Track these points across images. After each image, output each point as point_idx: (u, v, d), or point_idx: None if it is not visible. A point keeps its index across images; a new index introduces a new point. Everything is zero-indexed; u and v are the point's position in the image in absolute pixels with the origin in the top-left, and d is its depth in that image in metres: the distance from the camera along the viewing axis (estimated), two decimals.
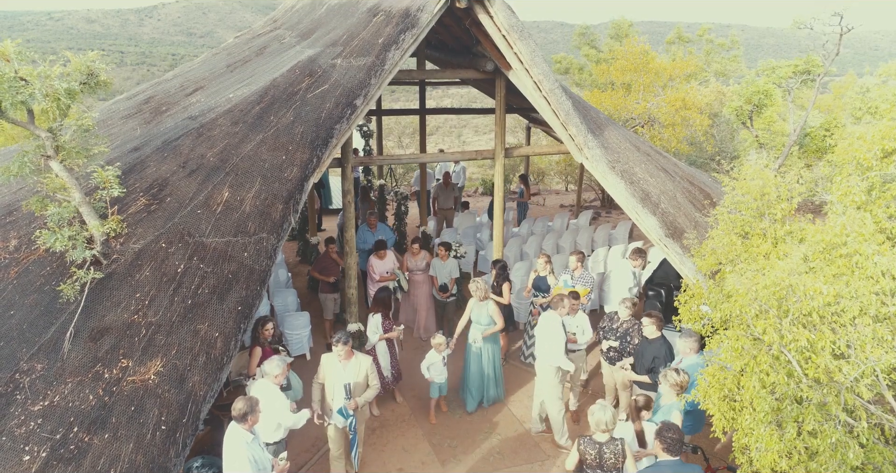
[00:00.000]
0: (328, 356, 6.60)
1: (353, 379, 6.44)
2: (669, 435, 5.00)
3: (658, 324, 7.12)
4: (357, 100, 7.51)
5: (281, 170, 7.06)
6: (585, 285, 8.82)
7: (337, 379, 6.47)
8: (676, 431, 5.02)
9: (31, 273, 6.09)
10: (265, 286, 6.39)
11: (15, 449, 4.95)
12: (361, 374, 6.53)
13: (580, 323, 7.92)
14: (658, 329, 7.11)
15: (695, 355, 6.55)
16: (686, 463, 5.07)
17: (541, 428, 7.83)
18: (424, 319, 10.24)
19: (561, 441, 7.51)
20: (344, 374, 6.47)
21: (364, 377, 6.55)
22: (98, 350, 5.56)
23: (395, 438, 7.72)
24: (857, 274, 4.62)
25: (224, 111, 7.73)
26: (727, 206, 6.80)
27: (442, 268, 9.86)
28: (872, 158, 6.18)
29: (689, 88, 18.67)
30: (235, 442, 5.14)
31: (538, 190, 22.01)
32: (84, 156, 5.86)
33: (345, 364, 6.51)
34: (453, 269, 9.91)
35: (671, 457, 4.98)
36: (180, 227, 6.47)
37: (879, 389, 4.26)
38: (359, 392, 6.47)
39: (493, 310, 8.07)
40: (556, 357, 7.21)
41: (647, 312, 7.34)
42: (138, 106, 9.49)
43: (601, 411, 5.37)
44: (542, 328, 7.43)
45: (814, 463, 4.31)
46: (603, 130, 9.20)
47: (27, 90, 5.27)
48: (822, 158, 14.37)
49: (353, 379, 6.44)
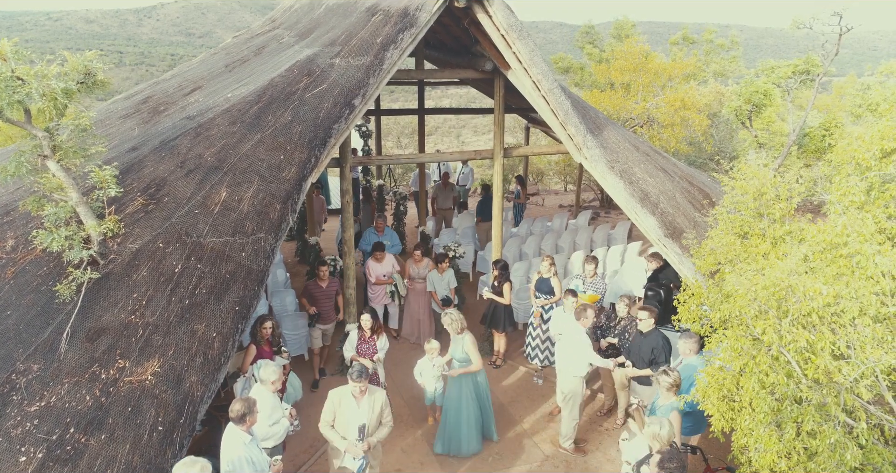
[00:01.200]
0: (339, 392, 5.86)
1: (368, 418, 5.73)
2: (671, 466, 4.74)
3: (653, 317, 7.23)
4: (355, 99, 7.50)
5: (279, 170, 7.04)
6: (597, 292, 8.84)
7: (351, 417, 5.74)
8: (678, 460, 4.74)
9: (27, 273, 6.07)
10: (263, 287, 6.37)
11: (11, 450, 4.93)
12: (376, 411, 5.83)
13: None
14: (650, 318, 7.23)
15: (695, 356, 6.55)
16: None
17: None
18: (427, 328, 10.06)
19: (564, 444, 7.49)
20: (358, 412, 5.75)
21: (378, 413, 5.85)
22: (95, 351, 5.54)
23: (393, 439, 7.69)
24: (858, 275, 4.60)
25: (222, 111, 7.71)
26: (726, 206, 6.78)
27: (440, 281, 9.59)
28: (871, 159, 6.16)
29: (688, 89, 18.67)
30: (233, 443, 5.12)
31: (537, 190, 21.99)
32: (81, 156, 5.84)
33: (359, 401, 5.81)
34: (451, 279, 9.66)
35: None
36: (178, 227, 6.45)
37: (879, 390, 4.24)
38: (371, 431, 5.78)
39: (468, 345, 7.15)
40: (590, 360, 7.14)
41: (643, 306, 7.46)
42: (136, 106, 9.47)
43: (661, 428, 5.14)
44: (566, 339, 7.33)
45: (812, 464, 4.29)
46: (602, 130, 9.18)
47: (24, 90, 5.25)
48: (821, 158, 14.36)
49: (368, 418, 5.73)
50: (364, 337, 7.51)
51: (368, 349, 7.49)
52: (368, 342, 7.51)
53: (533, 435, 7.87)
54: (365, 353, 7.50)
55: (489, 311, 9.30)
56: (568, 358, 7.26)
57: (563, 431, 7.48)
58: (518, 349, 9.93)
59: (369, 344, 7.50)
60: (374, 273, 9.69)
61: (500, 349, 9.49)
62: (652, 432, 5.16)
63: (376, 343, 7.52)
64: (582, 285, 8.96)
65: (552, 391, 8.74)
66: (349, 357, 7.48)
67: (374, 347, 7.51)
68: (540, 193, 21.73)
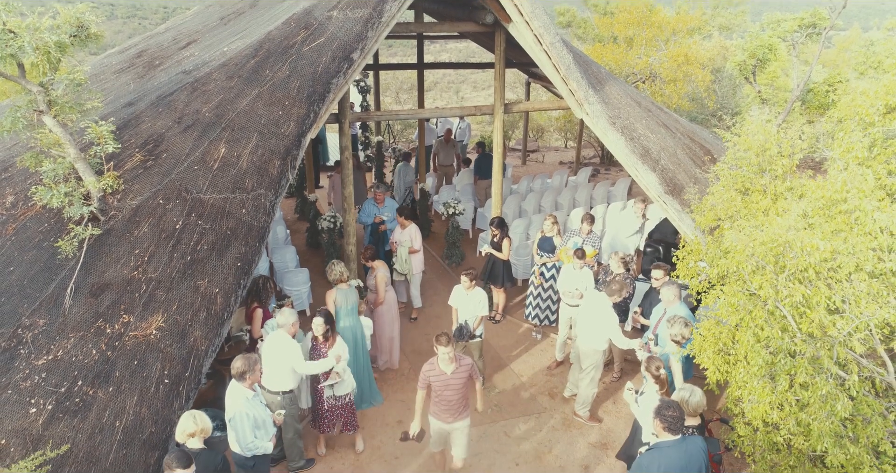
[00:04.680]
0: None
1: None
2: (670, 414, 4.58)
3: (665, 272, 7.30)
4: (354, 53, 7.37)
5: (277, 125, 6.98)
6: (594, 247, 8.88)
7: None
8: (676, 408, 4.62)
9: (28, 230, 6.09)
10: (264, 243, 6.40)
11: (21, 402, 5.04)
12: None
13: (585, 280, 7.99)
14: (665, 276, 7.29)
15: (678, 302, 6.71)
16: (688, 437, 4.71)
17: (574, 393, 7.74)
18: (397, 349, 8.42)
19: (580, 411, 7.47)
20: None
21: None
22: (99, 306, 5.61)
23: (394, 392, 7.86)
24: (856, 231, 4.63)
25: (219, 65, 7.59)
26: (728, 162, 6.76)
27: (465, 300, 7.51)
28: (875, 114, 6.11)
29: (691, 43, 18.31)
30: (236, 398, 5.23)
31: (537, 147, 21.83)
32: (77, 111, 5.78)
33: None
34: (480, 303, 7.44)
35: (672, 437, 4.59)
36: (177, 183, 6.43)
37: (872, 343, 4.32)
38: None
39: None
40: (616, 340, 6.99)
41: (657, 264, 7.52)
42: (131, 60, 9.32)
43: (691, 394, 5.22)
44: (590, 311, 7.13)
45: (804, 414, 4.40)
46: (604, 86, 9.07)
47: (16, 43, 5.16)
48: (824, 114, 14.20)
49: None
50: (317, 344, 6.53)
51: (320, 356, 6.46)
52: (319, 349, 6.50)
53: (531, 388, 8.03)
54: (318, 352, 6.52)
55: (488, 267, 9.36)
56: (592, 331, 7.09)
57: (580, 398, 7.43)
58: (517, 305, 10.05)
59: (319, 352, 6.49)
60: (393, 236, 9.45)
61: (500, 304, 9.60)
62: (681, 397, 5.26)
63: (327, 352, 6.43)
64: (581, 243, 9.01)
65: (551, 346, 8.90)
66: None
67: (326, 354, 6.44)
68: (540, 149, 21.58)
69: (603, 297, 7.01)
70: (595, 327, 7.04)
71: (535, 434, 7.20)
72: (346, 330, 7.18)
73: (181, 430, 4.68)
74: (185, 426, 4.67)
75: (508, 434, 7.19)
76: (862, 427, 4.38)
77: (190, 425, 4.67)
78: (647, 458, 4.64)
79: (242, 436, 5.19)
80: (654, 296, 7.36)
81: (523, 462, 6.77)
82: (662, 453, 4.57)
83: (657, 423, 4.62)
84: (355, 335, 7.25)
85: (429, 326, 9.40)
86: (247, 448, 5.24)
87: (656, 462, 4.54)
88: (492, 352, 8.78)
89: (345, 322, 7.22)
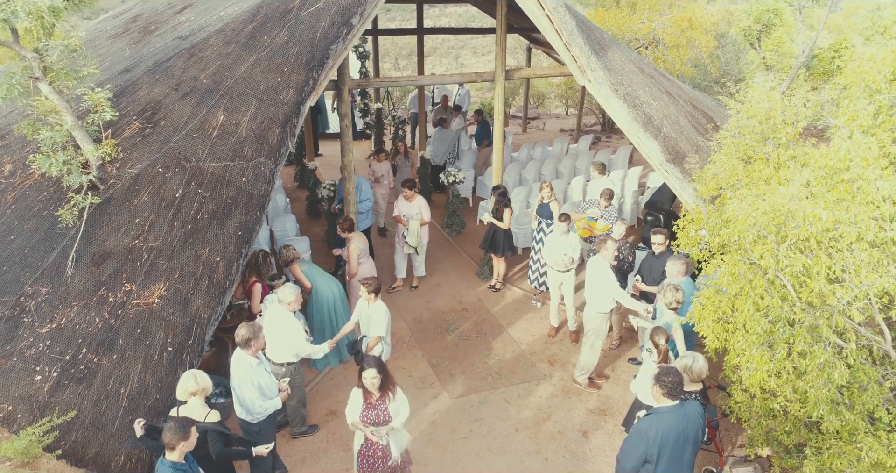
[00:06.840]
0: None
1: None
2: (669, 379, 4.60)
3: (665, 237, 7.30)
4: (353, 18, 7.24)
5: (276, 92, 6.89)
6: (609, 221, 8.87)
7: None
8: (675, 374, 4.65)
9: (28, 198, 6.07)
10: (265, 212, 6.38)
11: (27, 370, 5.10)
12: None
13: (572, 244, 8.03)
14: (665, 241, 7.30)
15: (683, 277, 6.67)
16: (686, 402, 4.75)
17: None
18: None
19: (579, 377, 7.53)
20: None
21: None
22: (101, 275, 5.62)
23: (395, 359, 7.94)
24: (858, 200, 4.61)
25: (215, 30, 7.46)
26: (731, 130, 6.69)
27: (366, 314, 6.51)
28: (882, 81, 6.02)
29: (696, 8, 17.98)
30: (240, 366, 5.25)
31: (538, 114, 21.63)
32: (73, 78, 5.71)
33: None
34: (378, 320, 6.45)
35: (671, 402, 4.62)
36: (176, 151, 6.39)
37: (871, 312, 4.34)
38: None
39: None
40: (618, 298, 6.98)
41: (657, 230, 7.50)
42: (126, 25, 9.16)
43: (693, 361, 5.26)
44: (591, 275, 7.14)
45: (801, 382, 4.46)
46: (606, 52, 8.93)
47: (9, 7, 5.07)
48: (828, 81, 14.03)
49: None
50: (371, 400, 5.12)
51: (377, 416, 5.10)
52: (377, 406, 5.11)
53: (531, 355, 8.12)
54: (373, 421, 5.11)
55: (488, 235, 9.37)
56: (594, 295, 7.10)
57: (580, 364, 7.46)
58: (517, 273, 10.09)
59: (378, 409, 5.11)
60: (398, 210, 9.27)
61: (500, 272, 9.63)
62: (684, 364, 5.30)
63: (387, 407, 5.12)
64: (599, 215, 9.01)
65: None
66: (351, 423, 5.22)
67: (387, 413, 5.11)
68: (540, 117, 21.38)
69: (599, 260, 7.07)
70: (597, 291, 7.09)
71: (535, 401, 7.30)
72: (322, 294, 7.42)
73: (182, 389, 4.73)
74: (187, 384, 4.72)
75: (508, 400, 7.29)
76: (858, 394, 4.44)
77: (191, 384, 4.71)
78: (645, 423, 4.72)
79: (251, 403, 5.17)
80: (653, 261, 7.38)
81: (523, 427, 6.88)
82: (661, 417, 4.63)
83: (657, 389, 4.66)
84: (333, 295, 7.42)
85: (430, 294, 9.46)
86: (257, 413, 5.23)
87: (654, 426, 4.62)
88: (491, 320, 8.85)
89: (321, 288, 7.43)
